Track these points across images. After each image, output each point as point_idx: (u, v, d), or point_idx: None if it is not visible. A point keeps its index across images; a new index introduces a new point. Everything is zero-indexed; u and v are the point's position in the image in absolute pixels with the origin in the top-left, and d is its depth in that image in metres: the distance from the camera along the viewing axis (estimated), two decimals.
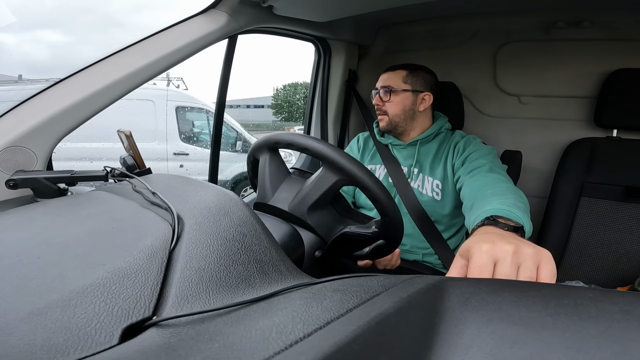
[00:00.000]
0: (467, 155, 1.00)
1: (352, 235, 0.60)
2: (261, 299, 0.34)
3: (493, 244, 0.43)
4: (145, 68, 0.83)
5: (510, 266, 0.41)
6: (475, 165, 0.94)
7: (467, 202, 0.82)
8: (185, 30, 0.92)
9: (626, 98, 1.19)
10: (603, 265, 1.18)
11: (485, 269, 0.41)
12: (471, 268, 0.42)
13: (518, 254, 0.42)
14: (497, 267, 0.41)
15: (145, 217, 0.46)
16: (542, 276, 0.40)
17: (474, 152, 1.00)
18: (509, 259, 0.41)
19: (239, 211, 0.46)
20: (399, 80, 1.08)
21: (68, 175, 0.70)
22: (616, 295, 0.28)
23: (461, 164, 1.00)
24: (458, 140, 1.07)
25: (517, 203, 0.66)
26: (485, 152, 0.98)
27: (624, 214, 1.17)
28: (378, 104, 1.10)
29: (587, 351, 0.22)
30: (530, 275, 0.40)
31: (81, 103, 0.76)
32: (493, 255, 0.42)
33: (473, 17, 1.43)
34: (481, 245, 0.43)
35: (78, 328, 0.27)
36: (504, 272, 0.41)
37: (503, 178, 0.83)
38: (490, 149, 1.01)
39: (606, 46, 1.28)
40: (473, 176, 0.89)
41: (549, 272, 0.41)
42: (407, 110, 1.08)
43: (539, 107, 1.42)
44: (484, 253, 0.42)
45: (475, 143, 1.04)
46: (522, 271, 0.41)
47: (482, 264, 0.41)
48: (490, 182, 0.80)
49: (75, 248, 0.38)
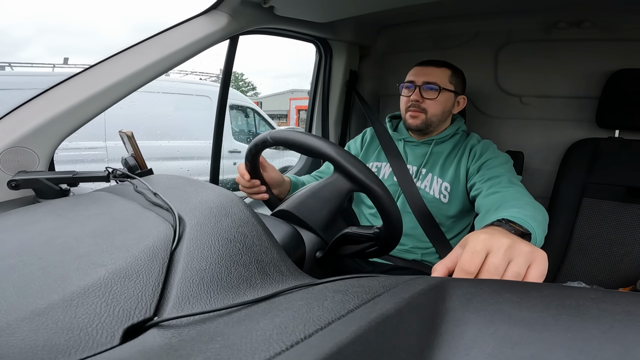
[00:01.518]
0: (484, 161, 0.98)
1: (354, 236, 0.60)
2: (262, 300, 0.34)
3: (491, 236, 0.43)
4: (146, 69, 0.84)
5: (502, 258, 0.40)
6: (493, 174, 0.92)
7: (484, 210, 0.80)
8: (187, 31, 0.92)
9: (628, 98, 1.19)
10: (605, 265, 1.18)
11: (476, 256, 0.41)
12: (464, 253, 0.42)
13: (512, 249, 0.41)
14: (489, 257, 0.41)
15: (146, 217, 0.46)
16: (531, 274, 0.40)
17: (491, 159, 0.98)
18: (502, 251, 0.41)
19: (240, 212, 0.46)
20: (445, 79, 1.04)
21: (70, 176, 0.71)
22: (618, 296, 0.28)
23: (477, 170, 0.98)
24: (474, 144, 1.04)
25: (535, 215, 0.65)
26: (502, 161, 0.96)
27: (625, 215, 1.17)
28: (417, 100, 1.02)
29: (589, 352, 0.21)
30: (518, 271, 0.40)
31: (83, 104, 0.77)
32: (488, 245, 0.42)
33: (474, 17, 1.43)
34: (479, 234, 0.43)
35: (79, 328, 0.27)
36: (494, 262, 0.40)
37: (523, 191, 0.82)
38: (507, 158, 0.99)
39: (608, 46, 1.28)
40: (492, 187, 0.87)
41: (539, 272, 0.40)
42: (446, 112, 1.05)
43: (540, 108, 1.41)
44: (480, 241, 0.42)
45: (493, 149, 1.01)
46: (511, 266, 0.40)
47: (475, 250, 0.41)
48: (513, 195, 0.79)
49: (76, 249, 0.38)
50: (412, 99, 1.03)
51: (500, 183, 0.87)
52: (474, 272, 0.40)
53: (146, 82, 0.85)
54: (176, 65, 0.90)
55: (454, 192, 1.03)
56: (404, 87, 1.06)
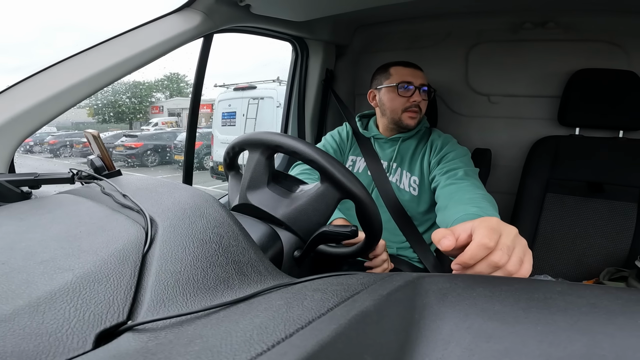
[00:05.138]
0: (444, 155, 1.03)
1: (331, 234, 0.60)
2: (241, 301, 0.33)
3: (498, 234, 0.43)
4: (114, 67, 0.80)
5: (512, 240, 0.43)
6: (451, 166, 0.97)
7: (442, 202, 0.84)
8: (158, 29, 0.89)
9: (587, 97, 1.26)
10: (569, 259, 1.24)
11: (482, 250, 0.41)
12: (473, 244, 0.41)
13: (517, 237, 0.44)
14: (494, 253, 0.41)
15: (115, 220, 0.44)
16: (522, 272, 0.42)
17: (450, 152, 1.03)
18: (512, 235, 0.43)
19: (215, 212, 0.45)
20: (426, 80, 1.10)
21: (31, 178, 0.67)
22: (583, 289, 0.30)
23: (437, 163, 1.03)
24: (435, 138, 1.10)
25: (494, 212, 0.71)
26: (460, 154, 1.02)
27: (587, 209, 1.24)
28: (418, 101, 1.07)
29: (558, 344, 0.23)
30: (512, 271, 0.41)
31: (44, 103, 0.73)
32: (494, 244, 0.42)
33: (447, 17, 1.47)
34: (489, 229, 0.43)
35: (48, 334, 0.26)
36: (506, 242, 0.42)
37: (478, 184, 0.88)
38: (466, 151, 1.04)
39: (570, 47, 1.35)
40: (449, 178, 0.92)
41: (526, 271, 0.43)
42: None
43: (507, 107, 1.47)
44: (494, 222, 0.44)
45: (452, 143, 1.07)
46: (510, 264, 0.42)
47: (483, 244, 0.41)
48: (467, 188, 0.84)
49: (41, 253, 0.36)
50: (415, 100, 1.06)
51: (455, 175, 0.92)
52: (492, 247, 0.41)
53: (114, 80, 0.82)
54: (146, 64, 0.87)
55: (422, 186, 1.07)
56: (401, 87, 1.07)
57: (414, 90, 1.06)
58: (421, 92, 1.07)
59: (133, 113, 14.43)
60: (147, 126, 10.84)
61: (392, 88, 1.08)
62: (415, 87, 1.07)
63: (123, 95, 13.98)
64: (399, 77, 1.08)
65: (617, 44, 1.29)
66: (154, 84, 15.24)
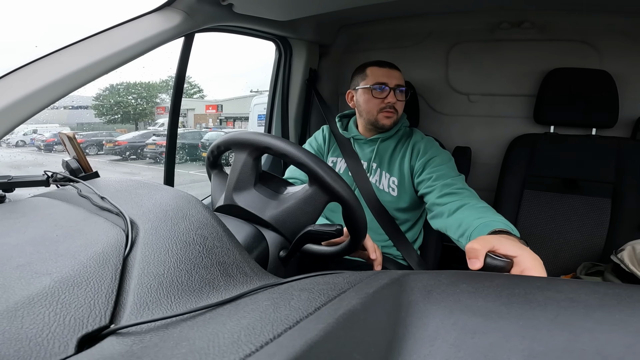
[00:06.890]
0: (428, 159, 1.03)
1: (316, 234, 0.60)
2: (227, 302, 0.33)
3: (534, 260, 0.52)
4: (90, 67, 0.78)
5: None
6: (440, 172, 0.98)
7: (446, 210, 0.88)
8: (137, 28, 0.87)
9: (562, 96, 1.30)
10: (547, 254, 1.27)
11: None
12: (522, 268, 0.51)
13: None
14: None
15: (93, 223, 0.43)
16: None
17: (434, 157, 1.03)
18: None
19: (198, 213, 0.45)
20: (403, 80, 1.10)
21: (5, 181, 0.64)
22: (561, 284, 0.31)
23: (422, 167, 1.03)
24: (417, 140, 1.09)
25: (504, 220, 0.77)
26: (446, 160, 1.03)
27: (562, 205, 1.28)
28: (393, 102, 1.06)
29: (540, 339, 0.23)
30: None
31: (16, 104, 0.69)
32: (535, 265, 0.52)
33: (428, 17, 1.49)
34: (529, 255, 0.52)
35: (28, 339, 0.26)
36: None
37: (475, 194, 0.92)
38: (450, 156, 1.06)
39: (545, 46, 1.39)
40: (445, 187, 0.94)
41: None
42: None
43: (485, 105, 1.51)
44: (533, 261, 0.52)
45: (436, 148, 1.07)
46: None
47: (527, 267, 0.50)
48: (468, 198, 0.88)
49: (16, 258, 0.35)
50: (389, 101, 1.06)
51: (454, 184, 0.93)
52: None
53: (90, 80, 0.79)
54: (124, 63, 0.84)
55: (402, 187, 1.08)
56: (375, 88, 1.07)
57: (389, 91, 1.06)
58: (397, 93, 1.07)
59: (139, 114, 14.66)
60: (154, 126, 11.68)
61: (367, 89, 1.08)
62: (391, 88, 1.06)
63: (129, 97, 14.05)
64: (374, 78, 1.07)
65: (589, 43, 1.33)
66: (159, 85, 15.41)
